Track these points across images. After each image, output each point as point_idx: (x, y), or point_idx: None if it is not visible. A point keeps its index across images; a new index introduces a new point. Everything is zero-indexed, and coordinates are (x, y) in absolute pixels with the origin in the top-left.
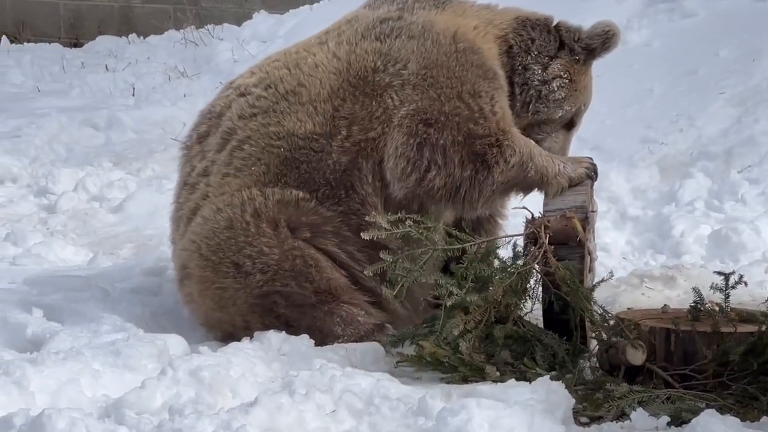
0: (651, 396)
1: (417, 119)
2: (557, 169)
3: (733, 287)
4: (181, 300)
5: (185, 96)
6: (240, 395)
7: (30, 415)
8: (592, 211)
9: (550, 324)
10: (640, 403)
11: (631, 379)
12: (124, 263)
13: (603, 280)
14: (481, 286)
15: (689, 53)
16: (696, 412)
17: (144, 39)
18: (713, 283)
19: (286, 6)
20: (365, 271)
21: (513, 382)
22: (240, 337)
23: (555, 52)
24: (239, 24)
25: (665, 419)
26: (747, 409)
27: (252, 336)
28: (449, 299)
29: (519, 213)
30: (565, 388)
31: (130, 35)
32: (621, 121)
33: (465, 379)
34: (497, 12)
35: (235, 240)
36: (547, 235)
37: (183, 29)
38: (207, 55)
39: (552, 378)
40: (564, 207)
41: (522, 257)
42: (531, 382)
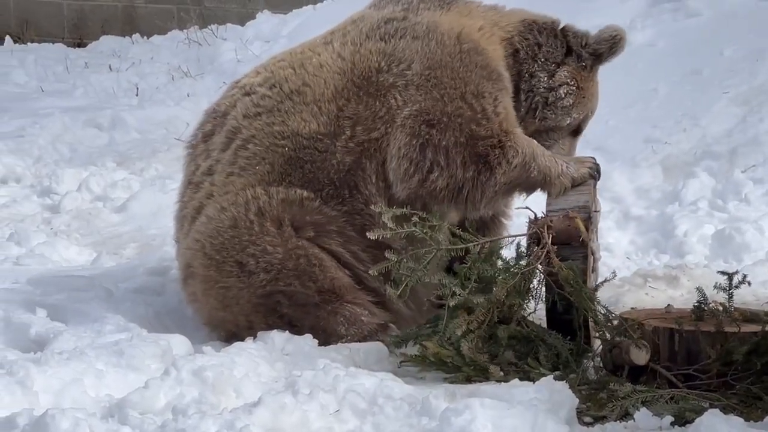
0: (654, 396)
1: (420, 120)
2: (560, 170)
3: (737, 287)
4: (185, 299)
5: (189, 96)
6: (243, 395)
7: (33, 415)
8: (595, 211)
9: (553, 324)
10: (643, 403)
11: (635, 379)
12: (127, 263)
13: (606, 279)
14: (485, 286)
15: (693, 53)
16: (700, 411)
17: (147, 39)
18: (717, 283)
19: (289, 6)
20: (370, 271)
21: (516, 381)
22: (243, 337)
23: (562, 58)
24: (242, 24)
25: (669, 419)
26: (751, 409)
27: (255, 336)
28: (452, 299)
29: (522, 213)
30: (569, 387)
31: (133, 35)
32: (625, 121)
33: (468, 379)
34: (503, 14)
35: (239, 239)
36: (550, 235)
37: (186, 29)
38: (210, 55)
39: (556, 378)
40: (567, 207)
41: (525, 257)
42: (534, 382)
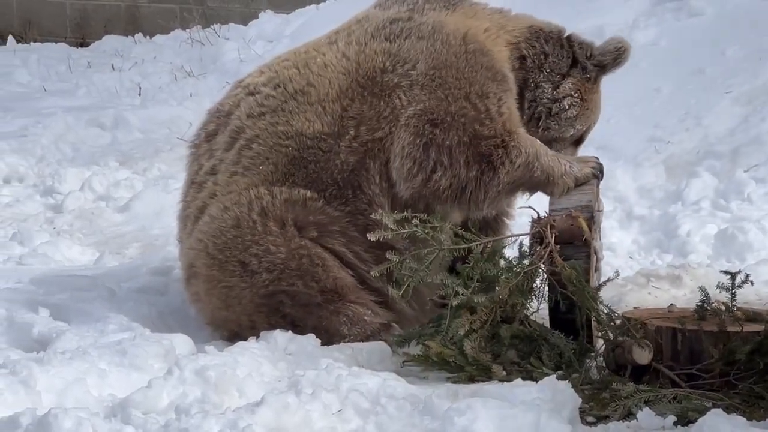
0: (657, 395)
1: (424, 119)
2: (563, 169)
3: (740, 286)
4: (188, 299)
5: (191, 95)
6: (246, 395)
7: (36, 415)
8: (598, 211)
9: (556, 323)
10: (646, 403)
11: (638, 379)
12: (130, 263)
13: (609, 279)
14: (487, 285)
15: (696, 52)
16: (702, 411)
17: (150, 38)
18: (720, 283)
19: (292, 5)
20: (371, 272)
21: (519, 381)
22: (246, 337)
23: (567, 69)
24: (245, 23)
25: (672, 419)
26: (753, 409)
27: (258, 335)
28: (455, 299)
29: (525, 212)
30: (572, 387)
31: (136, 35)
32: (627, 120)
33: (471, 379)
34: (510, 18)
35: (242, 239)
36: (553, 235)
37: (189, 29)
38: (213, 55)
39: (558, 377)
40: (570, 206)
41: (528, 257)
42: (537, 381)
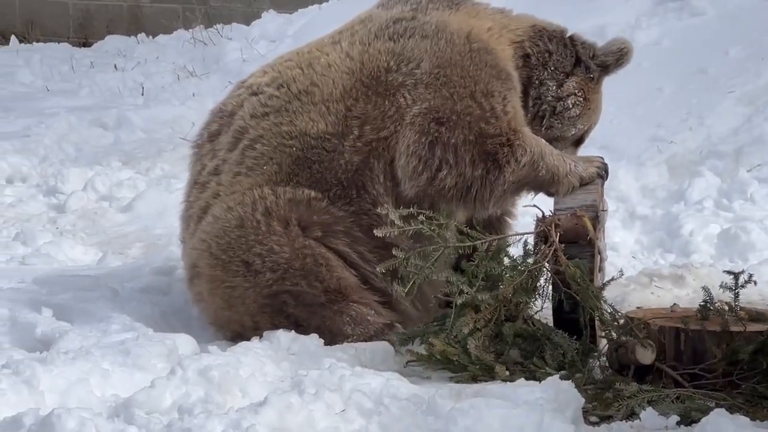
0: (660, 395)
1: (429, 118)
2: (568, 168)
3: (743, 286)
4: (191, 299)
5: (194, 95)
6: (249, 395)
7: (39, 415)
8: (602, 210)
9: (559, 323)
10: (649, 403)
11: (641, 379)
12: (133, 263)
13: (612, 278)
14: (492, 284)
15: (699, 52)
16: (706, 411)
17: (153, 38)
18: (723, 282)
19: (294, 5)
20: (377, 269)
21: (522, 381)
22: (249, 337)
23: (571, 68)
24: (248, 23)
25: (675, 418)
26: (757, 409)
27: (261, 335)
28: (460, 297)
29: (528, 212)
30: (575, 387)
31: (139, 35)
32: (630, 120)
33: (474, 378)
34: (512, 17)
35: (246, 239)
36: (558, 234)
37: (192, 29)
38: (216, 55)
39: (561, 377)
40: (575, 206)
41: (532, 255)
42: (540, 381)
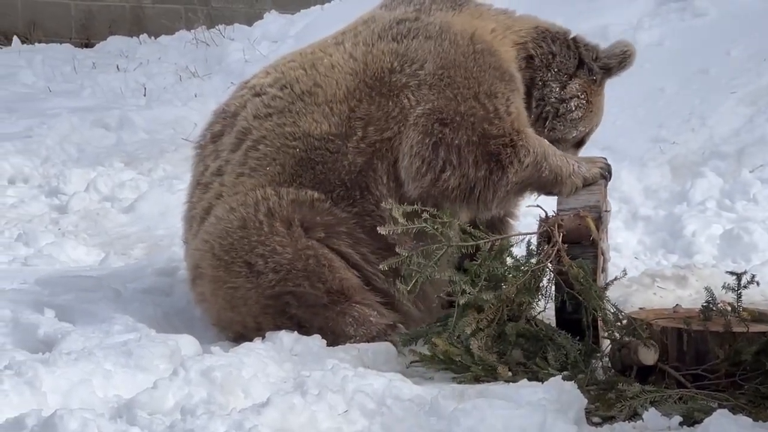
0: (663, 396)
1: (433, 118)
2: (571, 169)
3: (745, 287)
4: (194, 300)
5: (196, 96)
6: (252, 395)
7: (42, 416)
8: (605, 211)
9: (562, 323)
10: (652, 403)
11: (644, 379)
12: (135, 263)
13: (615, 279)
14: (495, 284)
15: (701, 53)
16: (708, 412)
17: (155, 39)
18: (725, 283)
19: (297, 6)
20: (380, 266)
21: (525, 382)
22: (252, 338)
23: (574, 70)
24: (250, 24)
25: (677, 419)
26: (759, 409)
27: (264, 336)
28: (462, 297)
29: (531, 212)
30: (578, 388)
31: (141, 35)
32: (632, 121)
33: (477, 379)
34: (515, 18)
35: (248, 239)
36: (561, 234)
37: (194, 29)
38: (218, 56)
39: (564, 378)
40: (578, 206)
41: (535, 256)
42: (543, 382)
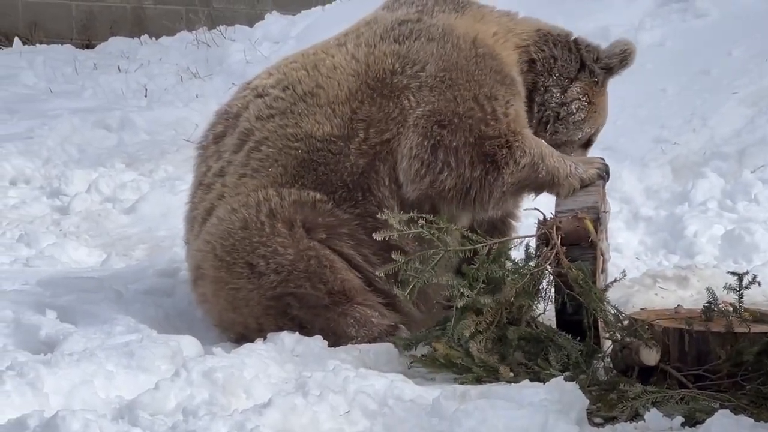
0: (665, 396)
1: (432, 120)
2: (568, 170)
3: (747, 287)
4: (195, 300)
5: (198, 97)
6: (253, 396)
7: (44, 417)
8: (604, 212)
9: (563, 325)
10: (654, 404)
11: (645, 380)
12: (137, 264)
13: (616, 280)
14: (494, 287)
15: (702, 53)
16: (710, 412)
17: (156, 40)
18: (727, 284)
19: (298, 7)
20: (377, 272)
21: (527, 382)
22: (253, 339)
23: (575, 73)
24: (251, 25)
25: (679, 419)
26: (761, 410)
27: (265, 337)
28: (460, 300)
29: (531, 214)
30: (579, 388)
31: (142, 36)
32: (633, 121)
33: (479, 380)
34: (518, 21)
35: (250, 240)
36: (559, 236)
37: (195, 30)
38: (219, 56)
39: (566, 379)
40: (576, 208)
41: (534, 258)
42: (545, 382)
